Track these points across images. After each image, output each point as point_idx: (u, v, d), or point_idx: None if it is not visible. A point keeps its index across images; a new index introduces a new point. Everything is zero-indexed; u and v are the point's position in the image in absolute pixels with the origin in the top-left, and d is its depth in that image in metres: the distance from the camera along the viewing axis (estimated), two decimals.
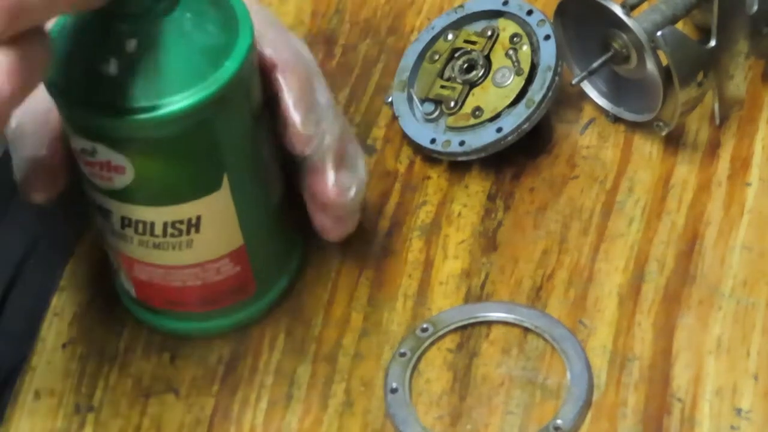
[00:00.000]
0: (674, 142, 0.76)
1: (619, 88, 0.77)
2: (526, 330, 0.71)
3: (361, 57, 0.84)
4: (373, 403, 0.70)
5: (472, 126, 0.76)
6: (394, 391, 0.69)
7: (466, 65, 0.78)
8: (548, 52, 0.75)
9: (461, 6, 0.80)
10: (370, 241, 0.76)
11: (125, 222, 0.67)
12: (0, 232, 0.86)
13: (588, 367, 0.68)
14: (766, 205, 0.73)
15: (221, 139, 0.65)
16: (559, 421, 0.67)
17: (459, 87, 0.77)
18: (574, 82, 0.76)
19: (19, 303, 0.79)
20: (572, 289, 0.72)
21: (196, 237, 0.68)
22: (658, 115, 0.74)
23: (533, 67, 0.76)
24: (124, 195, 0.66)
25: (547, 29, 0.76)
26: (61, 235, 0.80)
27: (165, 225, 0.67)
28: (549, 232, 0.74)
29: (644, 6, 0.74)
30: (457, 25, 0.79)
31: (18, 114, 0.64)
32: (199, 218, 0.67)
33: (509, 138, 0.75)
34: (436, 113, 0.78)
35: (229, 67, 0.63)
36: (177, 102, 0.62)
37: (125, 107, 0.62)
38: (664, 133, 0.74)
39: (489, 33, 0.78)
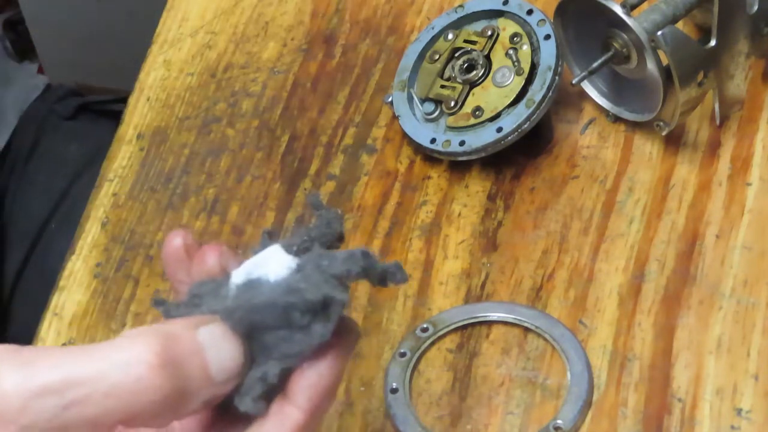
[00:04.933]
0: (674, 142, 0.76)
1: (620, 87, 0.77)
2: (526, 330, 0.71)
3: (361, 57, 0.84)
4: (373, 403, 0.70)
5: (472, 126, 0.76)
6: (394, 391, 0.69)
7: (466, 65, 0.78)
8: (548, 51, 0.75)
9: (461, 6, 0.80)
10: (370, 241, 0.76)
11: None
12: (24, 194, 0.86)
13: (588, 367, 0.68)
14: (766, 205, 0.73)
15: None
16: (559, 421, 0.67)
17: (459, 87, 0.77)
18: (574, 81, 0.76)
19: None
20: (572, 289, 0.72)
21: None
22: (659, 115, 0.74)
23: (533, 67, 0.76)
24: None
25: (547, 29, 0.76)
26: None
27: None
28: (549, 232, 0.74)
29: (644, 5, 0.74)
30: (457, 25, 0.79)
31: None
32: None
33: (509, 138, 0.75)
34: (436, 113, 0.78)
35: None
36: None
37: None
38: (664, 133, 0.74)
39: (489, 33, 0.78)
